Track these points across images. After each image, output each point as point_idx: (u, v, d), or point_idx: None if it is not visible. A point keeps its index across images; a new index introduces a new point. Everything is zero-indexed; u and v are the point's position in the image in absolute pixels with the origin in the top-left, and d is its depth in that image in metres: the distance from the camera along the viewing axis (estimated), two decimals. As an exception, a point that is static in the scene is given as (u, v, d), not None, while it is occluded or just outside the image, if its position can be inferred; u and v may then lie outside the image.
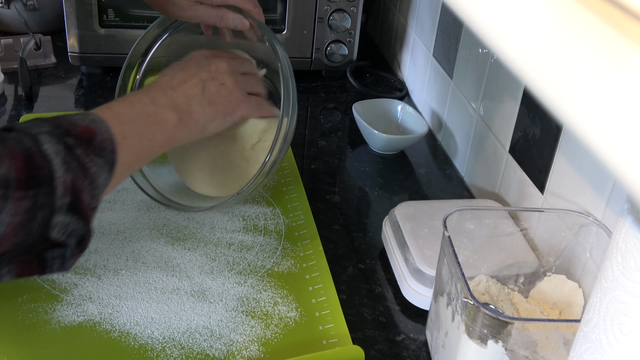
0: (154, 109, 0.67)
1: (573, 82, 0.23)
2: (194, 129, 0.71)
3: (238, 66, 0.77)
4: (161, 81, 0.72)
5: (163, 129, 0.67)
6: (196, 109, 0.70)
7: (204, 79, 0.73)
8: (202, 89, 0.72)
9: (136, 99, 0.67)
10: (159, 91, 0.70)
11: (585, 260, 0.72)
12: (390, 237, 0.84)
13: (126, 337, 0.71)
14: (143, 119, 0.65)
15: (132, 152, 0.62)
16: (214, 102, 0.72)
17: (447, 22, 1.12)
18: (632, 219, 0.42)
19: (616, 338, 0.44)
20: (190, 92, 0.71)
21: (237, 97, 0.75)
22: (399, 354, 0.74)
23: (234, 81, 0.75)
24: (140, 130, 0.64)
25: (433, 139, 1.17)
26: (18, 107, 1.14)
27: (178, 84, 0.71)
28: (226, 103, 0.74)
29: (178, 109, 0.69)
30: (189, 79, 0.72)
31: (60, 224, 0.54)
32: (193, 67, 0.74)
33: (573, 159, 0.76)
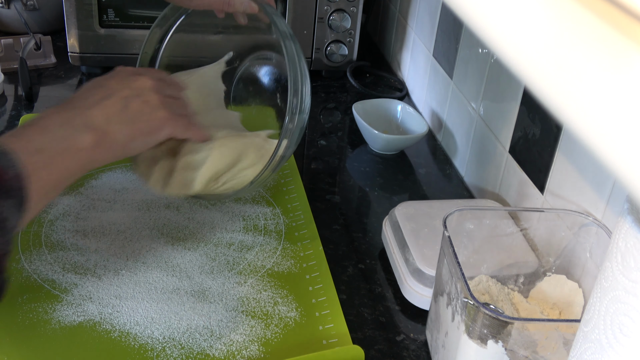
0: (67, 132, 0.61)
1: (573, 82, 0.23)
2: (114, 150, 0.65)
3: (164, 87, 0.72)
4: (78, 98, 0.66)
5: (77, 154, 0.61)
6: (115, 128, 0.65)
7: (126, 96, 0.67)
8: (123, 107, 0.66)
9: (49, 121, 0.61)
10: (74, 110, 0.64)
11: (585, 260, 0.72)
12: (390, 237, 0.84)
13: (126, 337, 0.71)
14: (54, 145, 0.59)
15: (45, 184, 0.58)
16: (135, 120, 0.67)
17: (447, 22, 1.12)
18: (632, 219, 0.42)
19: (616, 338, 0.44)
20: (110, 110, 0.65)
21: (162, 115, 0.69)
22: (399, 354, 0.74)
23: (159, 99, 0.69)
24: (52, 159, 0.59)
25: (433, 139, 1.17)
26: (18, 107, 1.14)
27: (96, 102, 0.65)
28: (150, 121, 0.68)
29: (94, 129, 0.63)
30: (109, 95, 0.66)
31: None
32: (115, 84, 0.68)
33: (573, 159, 0.76)
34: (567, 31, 0.24)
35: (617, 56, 0.22)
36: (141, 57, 0.90)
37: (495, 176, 0.95)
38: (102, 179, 0.95)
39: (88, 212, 0.88)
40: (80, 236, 0.84)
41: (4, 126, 1.08)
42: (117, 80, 0.69)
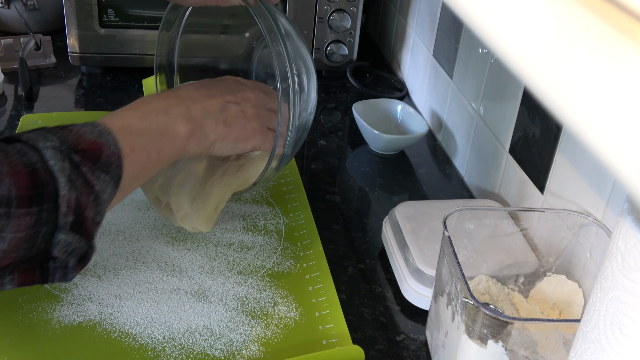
0: (166, 119, 0.66)
1: (573, 82, 0.23)
2: (204, 144, 0.70)
3: (266, 101, 0.76)
4: (182, 90, 0.71)
5: (172, 141, 0.66)
6: (209, 123, 0.69)
7: (227, 101, 0.72)
8: (221, 109, 0.71)
9: (149, 107, 0.66)
10: (176, 99, 0.68)
11: (585, 260, 0.72)
12: (390, 237, 0.84)
13: (126, 337, 0.71)
14: (153, 130, 0.64)
15: (138, 165, 0.62)
16: (229, 124, 0.71)
17: (447, 22, 1.12)
18: (632, 219, 0.42)
19: (616, 338, 0.44)
20: (209, 108, 0.70)
21: (254, 127, 0.74)
22: (399, 354, 0.74)
23: (256, 112, 0.74)
24: (149, 142, 0.63)
25: (433, 139, 1.17)
26: (18, 107, 1.14)
27: (199, 98, 0.70)
28: (241, 129, 0.73)
29: (191, 120, 0.68)
30: (212, 96, 0.71)
31: (62, 243, 0.54)
32: (221, 88, 0.74)
33: (573, 159, 0.76)
34: (567, 31, 0.24)
35: (617, 56, 0.22)
36: (157, 62, 0.91)
37: (495, 176, 0.95)
38: (102, 179, 0.95)
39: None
40: (80, 236, 0.84)
41: (4, 126, 1.08)
42: (224, 85, 0.74)
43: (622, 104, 0.21)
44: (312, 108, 0.81)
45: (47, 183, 0.53)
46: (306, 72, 0.79)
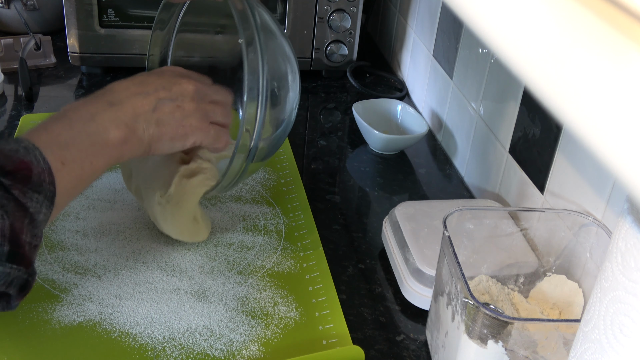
0: (95, 127, 0.62)
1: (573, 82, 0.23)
2: (138, 148, 0.66)
3: (207, 92, 0.72)
4: (113, 90, 0.67)
5: (104, 150, 0.62)
6: (140, 126, 0.65)
7: (160, 98, 0.67)
8: (153, 107, 0.66)
9: (76, 115, 0.62)
10: (105, 103, 0.64)
11: (585, 260, 0.72)
12: (390, 237, 0.84)
13: (126, 337, 0.71)
14: (82, 139, 0.60)
15: (71, 179, 0.58)
16: (162, 123, 0.67)
17: (447, 22, 1.12)
18: (632, 219, 0.42)
19: (616, 338, 0.44)
20: (140, 109, 0.65)
21: (191, 124, 0.69)
22: (399, 354, 0.74)
23: (195, 107, 0.69)
24: (80, 153, 0.59)
25: (433, 139, 1.17)
26: (18, 107, 1.14)
27: (129, 98, 0.66)
28: (176, 127, 0.68)
29: (122, 125, 0.63)
30: (145, 94, 0.67)
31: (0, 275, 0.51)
32: (155, 83, 0.68)
33: (573, 159, 0.76)
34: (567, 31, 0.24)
35: (617, 56, 0.22)
36: (149, 60, 0.90)
37: (495, 176, 0.95)
38: (102, 179, 0.95)
39: (88, 212, 0.88)
40: (80, 236, 0.84)
41: (4, 126, 1.08)
42: (160, 80, 0.69)
43: (622, 104, 0.21)
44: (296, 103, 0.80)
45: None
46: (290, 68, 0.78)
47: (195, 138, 0.70)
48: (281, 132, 0.79)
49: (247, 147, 0.73)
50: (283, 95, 0.78)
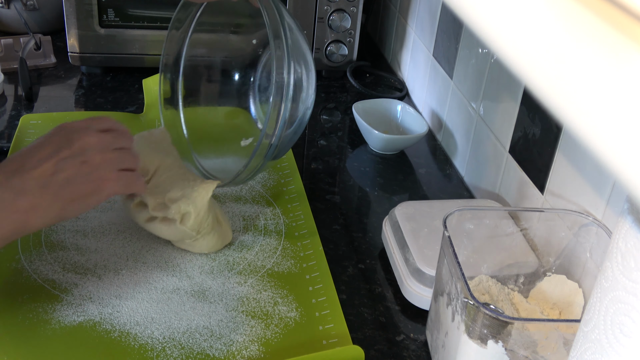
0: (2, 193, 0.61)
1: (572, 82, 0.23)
2: (49, 214, 0.64)
3: (110, 141, 0.70)
4: (16, 159, 0.65)
5: (11, 216, 0.61)
6: (50, 191, 0.64)
7: (64, 158, 0.66)
8: (57, 169, 0.65)
9: None
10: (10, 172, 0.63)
11: (585, 260, 0.72)
12: (390, 237, 0.84)
13: (126, 337, 0.71)
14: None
15: None
16: (70, 183, 0.65)
17: (447, 22, 1.12)
18: (632, 219, 0.42)
19: (616, 338, 0.44)
20: (44, 173, 0.64)
21: (101, 176, 0.67)
22: (399, 354, 0.74)
23: (101, 159, 0.68)
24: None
25: (433, 139, 1.17)
26: (18, 107, 1.14)
27: (32, 165, 0.64)
28: (86, 183, 0.66)
29: (30, 193, 0.62)
30: (45, 157, 0.65)
31: None
32: (55, 144, 0.67)
33: (573, 159, 0.76)
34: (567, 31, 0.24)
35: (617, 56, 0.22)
36: (164, 60, 0.91)
37: (495, 176, 0.95)
38: (102, 179, 0.95)
39: (88, 212, 0.88)
40: (80, 236, 0.84)
41: (4, 126, 1.08)
42: (60, 138, 0.68)
43: (622, 104, 0.21)
44: (311, 103, 0.81)
45: None
46: (306, 68, 0.79)
47: (108, 190, 0.69)
48: (296, 130, 0.81)
49: (268, 145, 0.75)
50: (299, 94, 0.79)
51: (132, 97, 1.20)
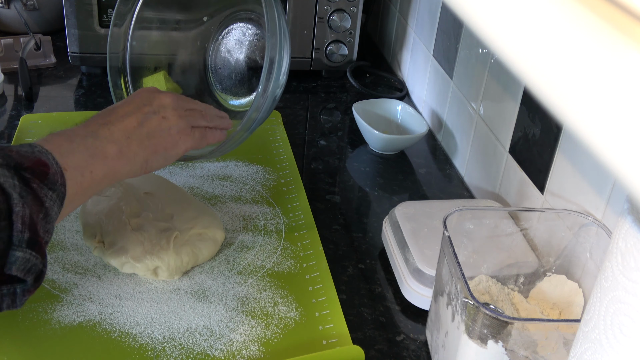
0: (92, 141, 0.65)
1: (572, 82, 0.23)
2: (135, 163, 0.68)
3: (183, 102, 0.76)
4: (101, 115, 0.70)
5: (103, 161, 0.64)
6: (134, 142, 0.68)
7: (145, 113, 0.71)
8: (141, 123, 0.70)
9: (74, 132, 0.65)
10: (98, 125, 0.68)
11: (585, 260, 0.72)
12: (390, 237, 0.84)
13: (126, 337, 0.71)
14: (82, 150, 0.63)
15: (75, 185, 0.61)
16: (153, 136, 0.70)
17: (447, 22, 1.12)
18: (632, 219, 0.42)
19: (616, 338, 0.44)
20: (129, 125, 0.69)
21: (178, 131, 0.73)
22: (399, 354, 0.74)
23: (177, 115, 0.74)
24: (80, 162, 0.62)
25: (433, 139, 1.17)
26: (18, 107, 1.14)
27: (117, 119, 0.69)
28: (167, 137, 0.72)
29: (117, 141, 0.67)
30: (129, 113, 0.70)
31: (19, 260, 0.53)
32: (136, 102, 0.72)
33: (573, 159, 0.76)
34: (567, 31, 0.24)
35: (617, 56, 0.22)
36: (109, 58, 0.91)
37: (495, 176, 0.95)
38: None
39: (88, 212, 0.88)
40: (80, 236, 0.84)
41: (4, 126, 1.08)
42: (139, 98, 0.73)
43: (621, 104, 0.21)
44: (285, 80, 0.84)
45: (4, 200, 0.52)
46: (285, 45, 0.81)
47: (186, 145, 0.74)
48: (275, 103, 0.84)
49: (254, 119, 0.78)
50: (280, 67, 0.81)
51: (132, 97, 1.20)
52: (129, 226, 0.80)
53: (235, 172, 1.00)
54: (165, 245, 0.78)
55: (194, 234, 0.81)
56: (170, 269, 0.77)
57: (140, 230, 0.79)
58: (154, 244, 0.78)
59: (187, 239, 0.80)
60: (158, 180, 0.89)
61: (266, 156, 1.04)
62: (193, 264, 0.80)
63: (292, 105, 1.24)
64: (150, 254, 0.77)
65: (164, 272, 0.78)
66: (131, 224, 0.80)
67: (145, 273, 0.78)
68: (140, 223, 0.80)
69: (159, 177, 0.91)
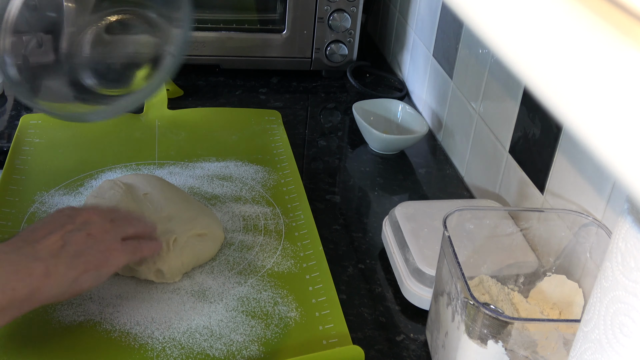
0: (17, 258, 0.61)
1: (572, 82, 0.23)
2: (63, 283, 0.64)
3: (107, 214, 0.72)
4: (22, 235, 0.66)
5: (27, 279, 0.60)
6: (62, 261, 0.64)
7: (69, 231, 0.67)
8: (66, 242, 0.65)
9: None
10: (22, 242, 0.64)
11: (585, 260, 0.72)
12: (390, 237, 0.84)
13: (126, 337, 0.71)
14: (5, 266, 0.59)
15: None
16: (81, 254, 0.66)
17: (447, 22, 1.12)
18: (632, 219, 0.42)
19: (616, 338, 0.44)
20: (54, 245, 0.64)
21: (107, 247, 0.69)
22: (399, 354, 0.74)
23: (103, 230, 0.69)
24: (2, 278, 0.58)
25: (433, 139, 1.17)
26: (18, 107, 1.14)
27: (39, 238, 0.65)
28: (96, 254, 0.67)
29: (43, 260, 0.63)
30: (52, 231, 0.66)
31: None
32: (58, 221, 0.68)
33: (573, 159, 0.76)
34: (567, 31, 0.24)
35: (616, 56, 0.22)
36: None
37: (495, 176, 0.95)
38: (101, 179, 0.95)
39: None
40: (80, 236, 0.84)
41: (4, 126, 1.08)
42: (61, 216, 0.69)
43: (621, 104, 0.21)
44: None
45: None
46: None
47: (117, 261, 0.69)
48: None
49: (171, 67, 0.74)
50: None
51: (132, 97, 1.19)
52: None
53: (235, 172, 1.00)
54: (164, 248, 0.78)
55: (194, 235, 0.81)
56: (171, 272, 0.77)
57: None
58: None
59: (187, 241, 0.80)
60: (157, 181, 0.89)
61: (266, 156, 1.04)
62: (193, 265, 0.80)
63: (292, 105, 1.24)
64: (149, 258, 0.77)
65: (165, 275, 0.77)
66: None
67: (145, 276, 0.78)
68: None
69: (158, 178, 0.90)
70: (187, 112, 1.14)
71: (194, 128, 1.10)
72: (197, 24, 1.23)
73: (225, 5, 1.25)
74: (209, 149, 1.05)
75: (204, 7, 1.24)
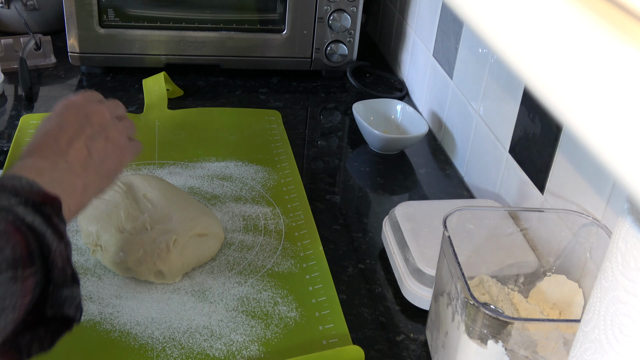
0: (60, 175, 0.61)
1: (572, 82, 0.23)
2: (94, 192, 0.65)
3: (114, 110, 0.71)
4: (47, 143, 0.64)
5: (74, 196, 0.61)
6: (92, 172, 0.64)
7: (89, 136, 0.65)
8: (90, 150, 0.65)
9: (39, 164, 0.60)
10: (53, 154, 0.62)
11: (585, 260, 0.72)
12: (390, 237, 0.84)
13: (126, 337, 0.71)
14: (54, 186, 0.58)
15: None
16: (104, 162, 0.66)
17: (447, 22, 1.12)
18: (632, 219, 0.42)
19: (616, 338, 0.44)
20: (81, 156, 0.64)
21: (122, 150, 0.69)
22: (399, 354, 0.74)
23: (117, 131, 0.69)
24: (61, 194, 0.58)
25: (433, 139, 1.17)
26: (18, 107, 1.14)
27: (66, 148, 0.63)
28: (114, 159, 0.67)
29: (79, 175, 0.62)
30: (73, 138, 0.64)
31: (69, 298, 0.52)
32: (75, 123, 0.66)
33: (573, 159, 0.76)
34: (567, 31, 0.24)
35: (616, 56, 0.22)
36: None
37: (495, 176, 0.95)
38: (102, 179, 0.94)
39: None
40: (79, 236, 0.84)
41: (4, 126, 1.08)
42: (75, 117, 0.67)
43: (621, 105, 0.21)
44: None
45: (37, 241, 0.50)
46: None
47: (127, 160, 0.70)
48: None
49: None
50: None
51: (132, 97, 1.20)
52: (127, 230, 0.80)
53: (235, 172, 1.00)
54: (165, 249, 0.78)
55: (194, 236, 0.81)
56: (171, 272, 0.77)
57: (140, 234, 0.79)
58: (153, 248, 0.78)
59: (187, 241, 0.80)
60: (157, 181, 0.89)
61: (266, 156, 1.04)
62: (193, 265, 0.80)
63: (292, 105, 1.24)
64: (149, 259, 0.77)
65: (165, 276, 0.77)
66: (130, 227, 0.80)
67: (145, 277, 0.78)
68: (139, 226, 0.80)
69: (158, 178, 0.90)
70: (187, 112, 1.14)
71: (194, 128, 1.10)
72: (197, 24, 1.23)
73: (225, 5, 1.25)
74: (209, 149, 1.05)
75: (204, 7, 1.24)
